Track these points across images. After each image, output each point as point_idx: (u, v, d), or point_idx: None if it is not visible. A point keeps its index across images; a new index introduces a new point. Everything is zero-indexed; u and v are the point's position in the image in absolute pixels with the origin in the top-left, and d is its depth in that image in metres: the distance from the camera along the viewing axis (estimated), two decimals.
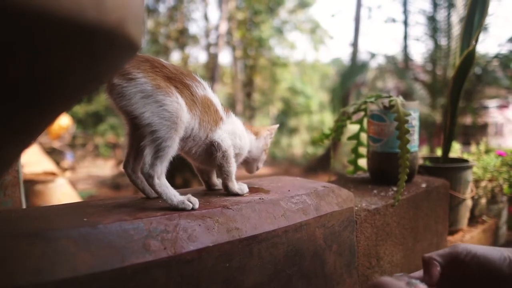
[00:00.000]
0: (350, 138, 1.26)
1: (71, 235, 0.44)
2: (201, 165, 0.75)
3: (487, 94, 5.21)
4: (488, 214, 1.49)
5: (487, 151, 1.60)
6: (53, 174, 2.62)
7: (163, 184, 0.60)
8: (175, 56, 11.12)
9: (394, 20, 6.81)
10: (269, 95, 11.91)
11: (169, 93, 0.60)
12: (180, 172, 4.60)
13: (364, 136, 1.21)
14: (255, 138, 0.80)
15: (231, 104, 10.66)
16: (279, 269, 0.63)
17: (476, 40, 1.22)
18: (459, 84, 1.29)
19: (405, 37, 6.27)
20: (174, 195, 0.60)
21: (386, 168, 1.05)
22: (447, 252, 0.54)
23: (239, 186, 0.72)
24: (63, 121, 5.38)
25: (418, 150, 1.10)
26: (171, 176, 0.63)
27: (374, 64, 7.38)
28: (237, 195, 0.71)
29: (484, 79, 4.81)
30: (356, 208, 0.83)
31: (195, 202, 0.60)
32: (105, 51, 0.29)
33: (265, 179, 0.90)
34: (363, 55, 8.49)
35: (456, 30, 4.84)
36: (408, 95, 5.29)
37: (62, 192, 2.51)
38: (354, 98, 7.20)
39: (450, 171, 1.25)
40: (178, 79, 0.63)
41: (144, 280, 0.46)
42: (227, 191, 0.72)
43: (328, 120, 10.73)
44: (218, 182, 0.78)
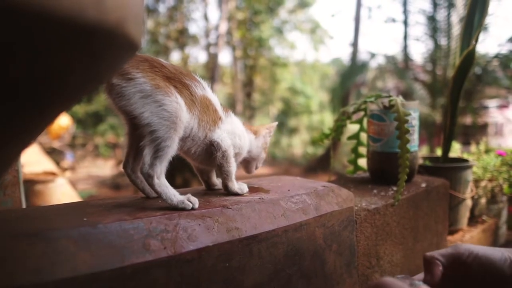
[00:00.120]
0: (350, 138, 1.26)
1: (71, 235, 0.44)
2: (200, 165, 0.75)
3: (487, 94, 5.22)
4: (488, 214, 1.49)
5: (487, 151, 1.61)
6: (53, 174, 2.63)
7: (162, 184, 0.60)
8: (175, 56, 11.13)
9: (394, 20, 6.82)
10: (269, 95, 11.91)
11: (168, 93, 0.60)
12: (180, 172, 4.60)
13: (364, 136, 1.21)
14: (255, 137, 0.80)
15: (231, 104, 10.67)
16: (279, 268, 0.63)
17: (476, 40, 1.22)
18: (459, 84, 1.29)
19: (405, 37, 6.28)
20: (173, 195, 0.59)
21: (386, 168, 1.05)
22: (449, 252, 0.53)
23: (239, 186, 0.72)
24: (63, 121, 5.38)
25: (418, 150, 1.10)
26: (171, 176, 0.63)
27: (374, 64, 7.39)
28: (237, 194, 0.71)
29: (484, 79, 4.82)
30: (356, 207, 0.83)
31: (195, 201, 0.60)
32: (105, 51, 0.29)
33: (265, 179, 0.90)
34: (363, 55, 8.51)
35: (456, 30, 4.84)
36: (408, 95, 5.29)
37: (62, 192, 2.51)
38: (354, 98, 7.20)
39: (450, 171, 1.25)
40: (177, 79, 0.63)
41: (144, 280, 0.46)
42: (227, 191, 0.72)
43: (328, 120, 10.74)
44: (217, 182, 0.78)
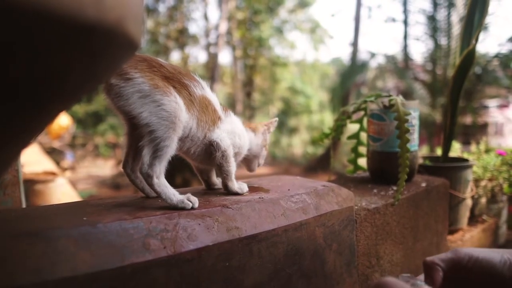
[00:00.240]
0: (350, 138, 1.26)
1: (71, 234, 0.44)
2: (200, 164, 0.75)
3: (487, 93, 5.22)
4: (488, 214, 1.49)
5: (487, 151, 1.61)
6: (53, 173, 2.63)
7: (162, 183, 0.60)
8: (175, 56, 11.14)
9: (394, 20, 6.82)
10: (269, 94, 11.92)
11: (167, 92, 0.60)
12: (179, 172, 4.61)
13: (364, 136, 1.21)
14: (254, 134, 0.80)
15: (231, 104, 10.67)
16: (279, 268, 0.63)
17: (476, 40, 1.22)
18: (459, 83, 1.29)
19: (405, 36, 6.28)
20: (173, 194, 0.59)
21: (386, 168, 1.05)
22: (449, 257, 0.53)
23: (238, 185, 0.72)
24: (63, 121, 5.38)
25: (418, 149, 1.10)
26: (171, 176, 0.63)
27: (374, 63, 7.40)
28: (236, 194, 0.71)
29: (484, 78, 4.82)
30: (356, 207, 0.83)
31: (195, 201, 0.59)
32: (104, 50, 0.29)
33: (264, 178, 0.90)
34: (363, 55, 8.52)
35: (456, 29, 4.85)
36: (408, 94, 5.29)
37: (62, 192, 2.51)
38: (354, 98, 7.21)
39: (450, 170, 1.25)
40: (176, 79, 0.63)
41: (144, 279, 0.46)
42: (227, 190, 0.72)
43: (328, 119, 10.74)
44: (217, 181, 0.78)
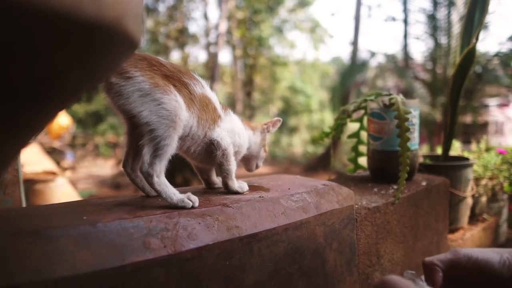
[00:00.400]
0: (350, 137, 1.26)
1: (71, 234, 0.44)
2: (200, 163, 0.75)
3: (487, 92, 5.21)
4: (489, 212, 1.49)
5: (488, 149, 1.60)
6: (53, 173, 2.63)
7: (162, 182, 0.60)
8: (175, 55, 11.14)
9: (394, 19, 6.81)
10: (269, 94, 11.92)
11: (167, 91, 0.59)
12: (180, 171, 4.61)
13: (364, 134, 1.21)
14: (253, 133, 0.80)
15: (231, 103, 10.67)
16: (279, 267, 0.63)
17: (477, 39, 1.22)
18: (459, 82, 1.28)
19: (405, 35, 6.27)
20: (173, 194, 0.59)
21: (386, 166, 1.05)
22: (448, 258, 0.53)
23: (239, 184, 0.72)
24: (63, 120, 5.38)
25: (418, 148, 1.10)
26: (171, 175, 0.63)
27: (374, 63, 7.39)
28: (237, 193, 0.71)
29: (484, 77, 4.81)
30: (356, 206, 0.83)
31: (195, 200, 0.59)
32: (104, 48, 0.29)
33: (265, 177, 0.90)
34: (363, 54, 8.52)
35: (456, 28, 4.84)
36: (408, 93, 5.28)
37: (62, 191, 2.51)
38: (354, 97, 7.20)
39: (450, 169, 1.25)
40: (176, 77, 0.63)
41: (144, 279, 0.46)
42: (227, 189, 0.72)
43: (328, 118, 10.74)
44: (217, 181, 0.78)
